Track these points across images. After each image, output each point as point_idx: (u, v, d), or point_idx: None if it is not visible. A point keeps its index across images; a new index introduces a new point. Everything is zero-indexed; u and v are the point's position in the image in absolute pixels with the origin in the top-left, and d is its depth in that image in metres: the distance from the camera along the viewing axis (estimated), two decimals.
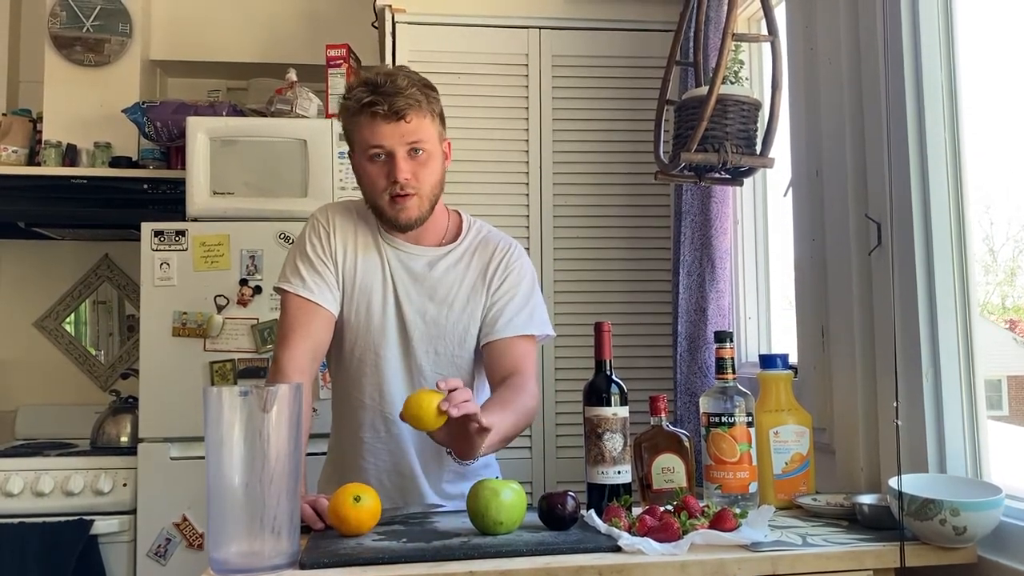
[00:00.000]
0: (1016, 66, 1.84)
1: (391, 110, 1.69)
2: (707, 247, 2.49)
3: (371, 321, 1.80)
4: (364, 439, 1.82)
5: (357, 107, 1.71)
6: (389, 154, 1.72)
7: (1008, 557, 1.45)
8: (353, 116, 1.74)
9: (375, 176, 1.74)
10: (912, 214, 1.70)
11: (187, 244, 2.84)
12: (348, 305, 1.81)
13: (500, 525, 1.44)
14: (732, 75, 2.00)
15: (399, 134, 1.71)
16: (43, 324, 3.57)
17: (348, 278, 1.81)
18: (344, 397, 1.86)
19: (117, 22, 3.33)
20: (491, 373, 1.80)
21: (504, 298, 1.82)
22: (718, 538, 1.39)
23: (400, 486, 1.81)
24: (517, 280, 1.84)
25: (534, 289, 1.88)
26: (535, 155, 2.89)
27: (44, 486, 2.79)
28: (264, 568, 1.28)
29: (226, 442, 1.31)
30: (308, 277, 1.78)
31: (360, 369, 1.82)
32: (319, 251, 1.80)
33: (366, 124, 1.71)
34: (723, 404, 1.68)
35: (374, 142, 1.71)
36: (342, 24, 3.45)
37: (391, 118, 1.70)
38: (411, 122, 1.71)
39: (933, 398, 1.67)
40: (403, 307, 1.80)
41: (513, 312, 1.82)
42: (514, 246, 1.89)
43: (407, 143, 1.72)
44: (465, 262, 1.84)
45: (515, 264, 1.85)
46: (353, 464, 1.83)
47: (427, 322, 1.80)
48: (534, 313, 1.85)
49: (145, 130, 3.11)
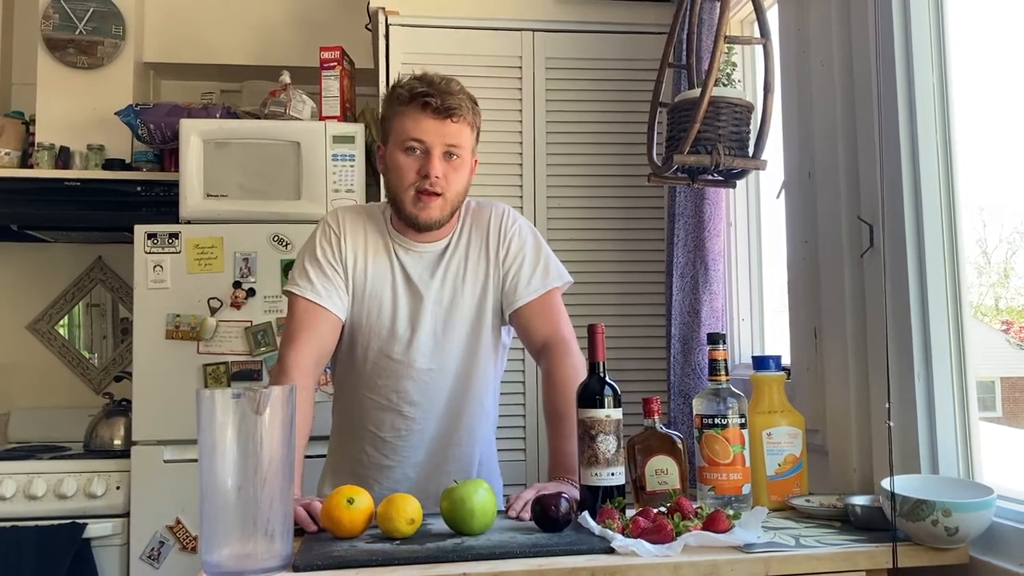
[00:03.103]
0: (1007, 68, 1.84)
1: (442, 106, 1.72)
2: (700, 249, 2.50)
3: (383, 322, 1.82)
4: (385, 439, 1.84)
5: (407, 96, 1.73)
6: (426, 150, 1.74)
7: (1000, 557, 1.46)
8: (399, 105, 1.75)
9: (406, 168, 1.75)
10: (904, 216, 1.71)
11: (180, 246, 2.83)
12: (359, 307, 1.82)
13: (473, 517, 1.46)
14: (725, 77, 2.01)
15: (441, 132, 1.73)
16: (36, 327, 3.56)
17: (359, 282, 1.82)
18: (357, 400, 1.86)
19: (110, 24, 3.32)
20: (529, 341, 1.86)
21: (515, 264, 1.86)
22: (711, 539, 1.40)
23: (429, 475, 1.84)
24: (520, 243, 1.88)
25: (539, 243, 1.91)
26: (528, 157, 2.90)
27: (37, 489, 2.78)
28: (257, 570, 1.28)
29: (219, 444, 1.31)
30: (317, 281, 1.79)
31: (375, 371, 1.83)
32: (329, 255, 1.81)
33: (411, 115, 1.73)
34: (716, 406, 1.68)
35: (415, 134, 1.73)
36: (336, 26, 3.45)
37: (439, 115, 1.72)
38: (456, 124, 1.74)
39: (925, 399, 1.68)
40: (420, 302, 1.81)
41: (528, 274, 1.85)
42: (505, 210, 1.91)
43: (446, 144, 1.74)
44: (465, 238, 1.87)
45: (512, 228, 1.88)
46: (376, 464, 1.85)
47: (445, 308, 1.83)
48: (548, 267, 1.88)
49: (138, 132, 3.10)
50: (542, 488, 1.63)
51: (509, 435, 2.73)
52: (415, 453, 1.84)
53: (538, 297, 1.85)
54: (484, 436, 1.91)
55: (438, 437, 1.85)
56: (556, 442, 1.77)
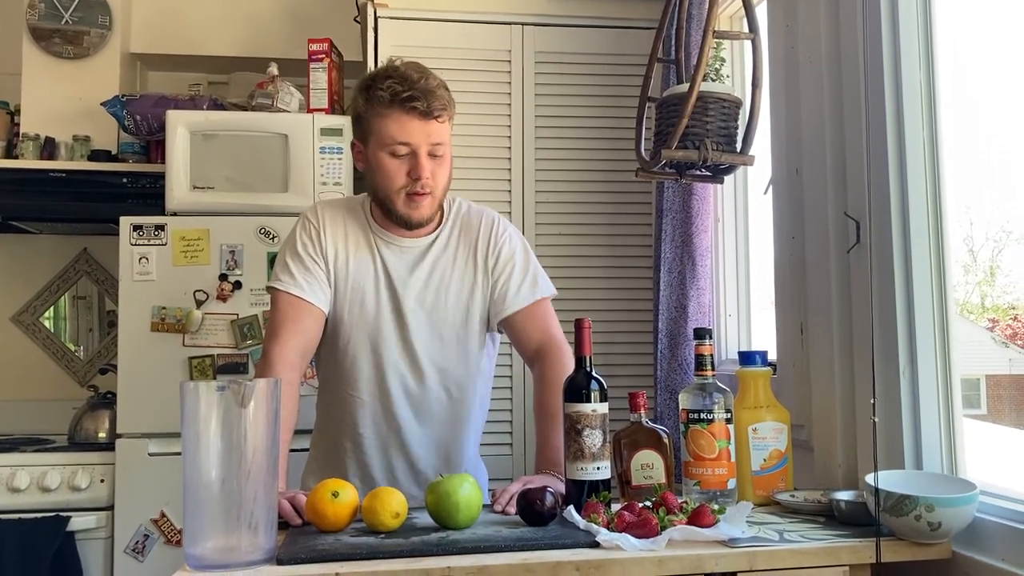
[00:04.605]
0: (995, 65, 1.85)
1: (428, 108, 1.69)
2: (688, 244, 2.50)
3: (365, 317, 1.81)
4: (364, 435, 1.83)
5: (389, 99, 1.69)
6: (413, 152, 1.72)
7: (982, 553, 1.47)
8: (380, 106, 1.71)
9: (394, 172, 1.73)
10: (891, 213, 1.71)
11: (166, 239, 2.81)
12: (341, 302, 1.81)
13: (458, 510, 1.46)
14: (713, 73, 2.01)
15: (427, 133, 1.71)
16: (20, 319, 3.53)
17: (340, 276, 1.81)
18: (338, 396, 1.86)
19: (96, 14, 3.29)
20: (521, 346, 1.88)
21: (504, 273, 1.85)
22: (696, 534, 1.40)
23: (412, 470, 1.83)
24: (510, 251, 1.87)
25: (527, 253, 1.91)
26: (517, 151, 2.89)
27: (20, 482, 2.76)
28: (241, 564, 1.28)
29: (203, 437, 1.30)
30: (299, 275, 1.78)
31: (355, 366, 1.82)
32: (310, 249, 1.80)
33: (396, 118, 1.70)
34: (702, 401, 1.68)
35: (402, 138, 1.71)
36: (324, 18, 3.43)
37: (424, 116, 1.70)
38: (439, 123, 1.73)
39: (910, 395, 1.68)
40: (400, 300, 1.81)
41: (517, 283, 1.85)
42: (496, 219, 1.91)
43: (431, 143, 1.72)
44: (453, 243, 1.86)
45: (503, 237, 1.88)
46: (357, 460, 1.84)
47: (427, 310, 1.82)
48: (537, 278, 1.89)
49: (125, 124, 3.08)
50: (528, 481, 1.63)
51: (495, 429, 2.73)
52: (396, 450, 1.83)
53: (528, 305, 1.85)
54: (469, 434, 1.90)
55: (420, 434, 1.83)
56: (546, 435, 1.77)
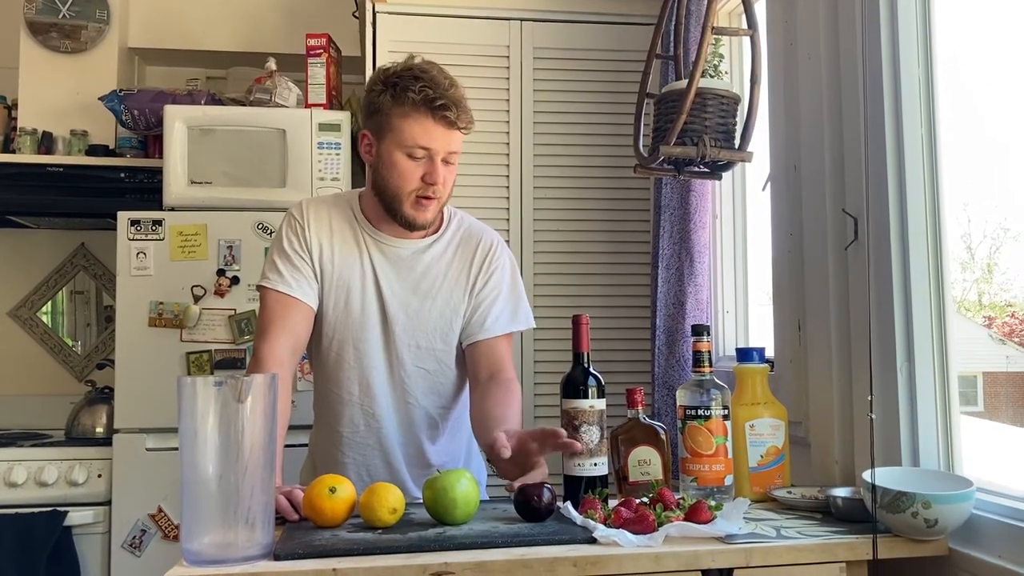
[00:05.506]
0: (993, 63, 1.85)
1: (456, 119, 1.69)
2: (686, 241, 2.50)
3: (350, 314, 1.79)
4: (343, 434, 1.82)
5: (421, 102, 1.68)
6: (430, 157, 1.71)
7: (978, 549, 1.47)
8: (409, 107, 1.69)
9: (408, 173, 1.72)
10: (889, 210, 1.71)
11: (164, 234, 2.81)
12: (326, 299, 1.80)
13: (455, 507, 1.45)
14: (712, 69, 2.01)
15: (448, 141, 1.71)
16: (17, 314, 3.53)
17: (326, 272, 1.80)
18: (324, 392, 1.85)
19: (94, 9, 3.28)
20: (475, 369, 1.82)
21: (488, 298, 1.84)
22: (693, 530, 1.40)
23: (386, 476, 1.79)
24: (500, 279, 1.86)
25: (516, 283, 1.89)
26: (516, 147, 2.89)
27: (17, 477, 2.76)
28: (238, 559, 1.28)
29: (200, 432, 1.30)
30: (286, 272, 1.77)
31: (339, 364, 1.81)
32: (296, 245, 1.79)
33: (422, 122, 1.69)
34: (699, 397, 1.68)
35: (424, 143, 1.70)
36: (322, 14, 3.43)
37: (451, 126, 1.70)
38: (462, 134, 1.73)
39: (907, 392, 1.69)
40: (385, 300, 1.79)
41: (498, 312, 1.83)
42: (496, 242, 1.89)
43: (449, 151, 1.72)
44: (449, 255, 1.84)
45: (497, 262, 1.86)
46: (334, 459, 1.83)
47: (409, 315, 1.80)
48: (518, 308, 1.87)
49: (122, 118, 3.08)
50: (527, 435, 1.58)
51: None
52: (374, 450, 1.81)
53: (500, 336, 1.83)
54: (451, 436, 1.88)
55: (399, 436, 1.82)
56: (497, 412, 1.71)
